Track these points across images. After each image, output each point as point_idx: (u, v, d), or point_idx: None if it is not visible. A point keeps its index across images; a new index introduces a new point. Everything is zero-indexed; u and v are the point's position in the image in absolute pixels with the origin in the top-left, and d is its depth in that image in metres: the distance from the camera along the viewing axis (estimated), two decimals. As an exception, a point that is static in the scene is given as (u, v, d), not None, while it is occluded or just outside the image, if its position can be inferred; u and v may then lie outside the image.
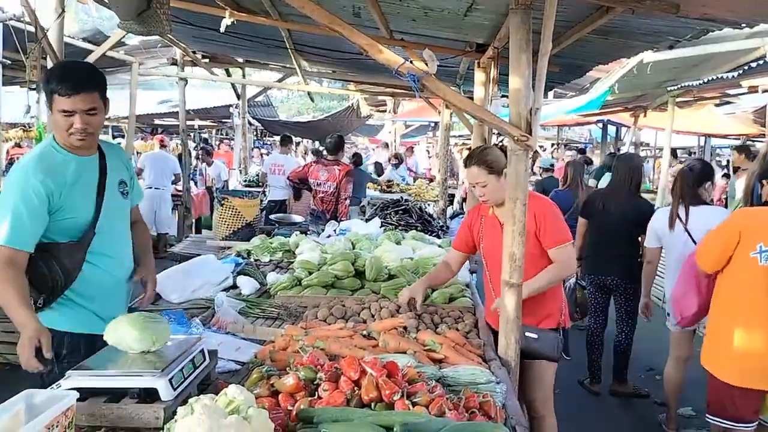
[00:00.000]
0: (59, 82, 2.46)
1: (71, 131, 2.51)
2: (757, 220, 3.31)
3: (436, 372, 2.47)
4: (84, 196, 2.60)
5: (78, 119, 2.49)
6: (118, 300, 2.79)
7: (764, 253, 3.21)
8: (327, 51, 7.60)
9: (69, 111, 2.48)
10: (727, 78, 7.30)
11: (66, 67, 2.67)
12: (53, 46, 5.10)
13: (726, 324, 3.37)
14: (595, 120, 14.04)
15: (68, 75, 2.50)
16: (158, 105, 17.35)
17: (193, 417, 1.60)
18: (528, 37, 2.83)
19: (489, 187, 3.25)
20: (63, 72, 2.56)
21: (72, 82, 2.47)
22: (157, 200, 10.03)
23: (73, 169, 2.58)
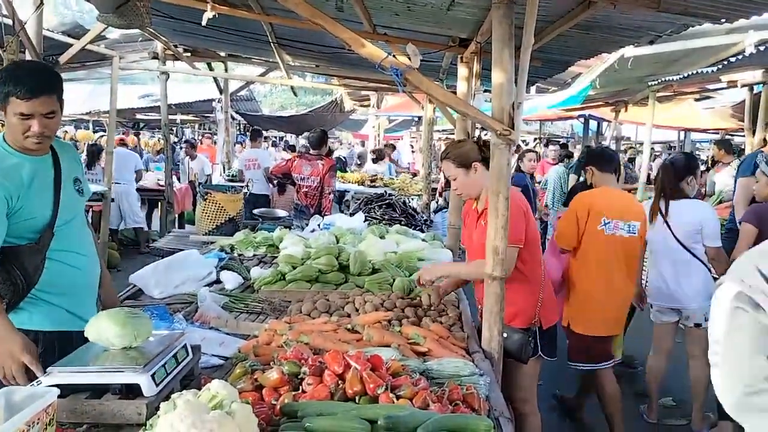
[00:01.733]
0: (17, 85, 2.36)
1: (28, 134, 2.43)
2: (599, 199, 4.20)
3: (420, 365, 2.48)
4: (41, 197, 2.52)
5: (36, 123, 2.40)
6: (89, 294, 2.75)
7: (608, 225, 4.09)
8: (310, 45, 7.57)
9: (27, 114, 2.39)
10: (707, 73, 7.37)
11: (24, 69, 2.54)
12: (32, 40, 5.04)
13: (586, 288, 4.15)
14: (577, 115, 14.13)
15: (26, 77, 2.39)
16: (139, 99, 17.15)
17: (176, 412, 1.59)
18: (510, 31, 2.83)
19: (458, 180, 3.35)
20: (21, 74, 2.42)
21: (31, 85, 2.37)
22: (119, 195, 10.05)
23: (28, 170, 2.50)
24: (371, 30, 5.18)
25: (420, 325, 3.03)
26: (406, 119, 21.42)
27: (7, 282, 2.46)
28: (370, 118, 19.20)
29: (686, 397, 4.78)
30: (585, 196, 4.33)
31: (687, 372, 4.59)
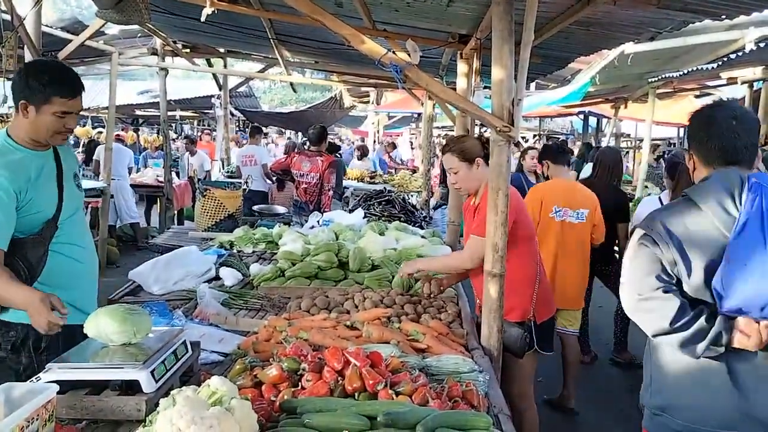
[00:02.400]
0: (61, 85, 2.48)
1: (61, 131, 2.55)
2: (550, 190, 4.79)
3: (419, 361, 2.48)
4: (47, 190, 2.58)
5: (71, 120, 2.54)
6: (90, 287, 2.79)
7: (558, 212, 4.65)
8: (309, 41, 7.56)
9: (67, 112, 2.50)
10: (707, 69, 7.37)
11: (60, 69, 2.62)
12: (30, 36, 5.04)
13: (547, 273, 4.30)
14: (577, 111, 14.12)
15: (68, 78, 2.53)
16: (138, 95, 17.15)
17: (175, 409, 1.59)
18: (510, 27, 2.83)
19: (460, 174, 3.32)
20: (62, 73, 2.55)
21: (73, 84, 2.52)
22: (114, 191, 10.03)
23: (34, 165, 2.56)
24: (371, 26, 5.17)
25: (419, 322, 3.03)
26: (405, 116, 21.40)
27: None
28: (370, 115, 19.21)
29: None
30: (538, 188, 5.01)
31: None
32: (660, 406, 2.20)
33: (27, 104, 2.49)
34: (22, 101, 2.49)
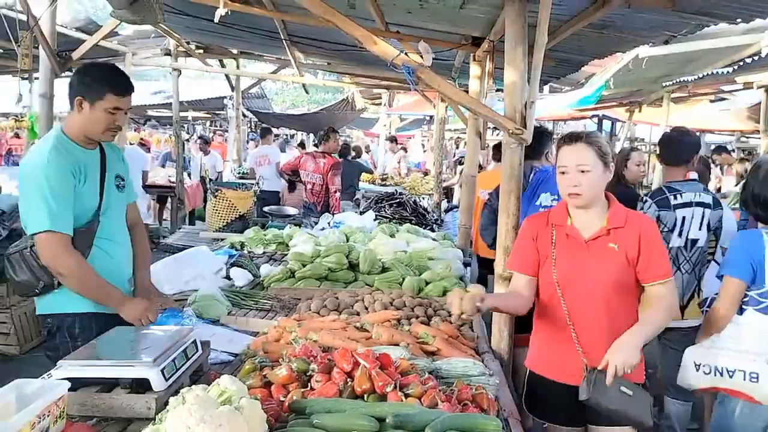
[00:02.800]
0: (116, 83, 2.65)
1: (112, 128, 2.69)
2: (483, 177, 5.62)
3: (428, 364, 2.47)
4: (91, 185, 2.70)
5: (121, 118, 2.70)
6: (121, 280, 2.84)
7: (482, 193, 5.17)
8: (322, 42, 7.57)
9: (118, 109, 2.66)
10: (723, 74, 7.31)
11: (112, 69, 2.80)
12: (45, 35, 5.07)
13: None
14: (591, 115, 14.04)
15: (121, 77, 2.71)
16: (151, 96, 17.25)
17: (185, 407, 1.59)
18: (524, 30, 2.82)
19: (591, 176, 2.45)
20: (117, 73, 2.73)
21: (127, 83, 2.70)
22: None
23: (83, 160, 2.68)
24: (383, 28, 5.17)
25: (429, 325, 3.02)
26: (417, 118, 21.37)
27: None
28: (382, 117, 19.18)
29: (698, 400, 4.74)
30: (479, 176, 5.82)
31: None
32: None
33: (82, 100, 2.63)
34: (78, 97, 2.63)
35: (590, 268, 2.49)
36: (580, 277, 2.50)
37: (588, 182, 2.45)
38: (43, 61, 5.40)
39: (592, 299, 2.48)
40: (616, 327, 2.39)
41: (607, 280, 2.47)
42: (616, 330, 2.37)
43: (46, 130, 5.68)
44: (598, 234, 2.48)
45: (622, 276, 2.47)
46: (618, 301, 2.48)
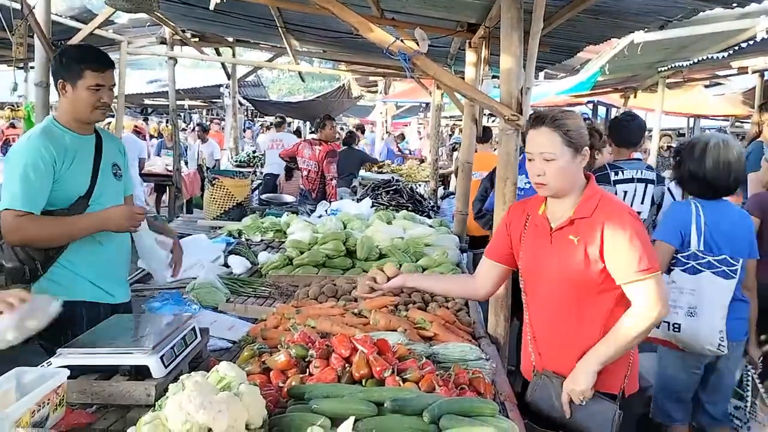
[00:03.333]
0: (92, 59, 2.64)
1: (98, 105, 2.66)
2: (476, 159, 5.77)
3: (426, 349, 2.49)
4: (80, 171, 2.69)
5: (106, 94, 2.67)
6: (115, 271, 2.86)
7: (474, 174, 5.60)
8: (318, 30, 7.55)
9: (100, 85, 2.64)
10: (718, 59, 7.31)
11: (87, 47, 2.82)
12: (40, 24, 5.04)
13: None
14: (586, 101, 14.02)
15: (96, 53, 2.70)
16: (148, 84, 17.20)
17: (185, 393, 1.60)
18: (519, 16, 2.82)
19: (557, 164, 2.22)
20: (92, 50, 2.73)
21: (103, 58, 2.68)
22: None
23: (73, 144, 2.68)
24: (379, 15, 5.16)
25: (426, 310, 3.04)
26: (413, 105, 21.32)
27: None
28: (378, 104, 19.15)
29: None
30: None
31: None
32: None
33: (64, 83, 2.64)
34: (59, 81, 2.65)
35: (549, 262, 2.31)
36: (539, 271, 2.36)
37: (552, 171, 2.22)
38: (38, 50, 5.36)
39: (548, 296, 2.34)
40: (574, 331, 2.27)
41: (562, 276, 2.27)
42: (574, 334, 2.26)
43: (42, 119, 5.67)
44: (563, 224, 2.28)
45: (580, 273, 2.22)
46: (577, 302, 2.25)
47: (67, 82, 2.64)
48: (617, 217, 2.18)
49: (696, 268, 3.05)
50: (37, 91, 5.57)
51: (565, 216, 2.27)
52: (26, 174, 2.52)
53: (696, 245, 3.05)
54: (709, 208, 3.10)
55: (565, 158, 2.21)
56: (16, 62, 5.44)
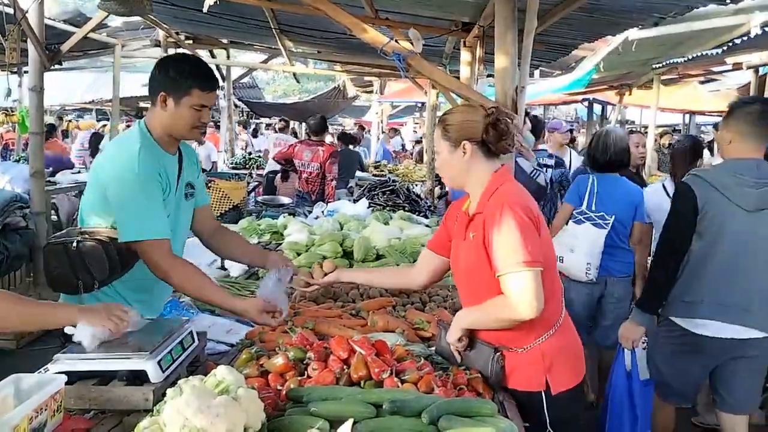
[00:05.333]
0: (201, 78, 2.48)
1: (197, 125, 2.53)
2: None
3: (424, 350, 2.49)
4: (168, 194, 2.57)
5: (206, 114, 2.53)
6: (158, 297, 2.77)
7: None
8: (312, 31, 7.55)
9: (204, 106, 2.50)
10: (712, 55, 7.33)
11: (198, 62, 2.64)
12: (33, 29, 5.04)
13: None
14: (581, 99, 14.07)
15: (208, 71, 2.55)
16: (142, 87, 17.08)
17: (183, 398, 1.60)
18: (513, 14, 2.82)
19: (440, 157, 2.38)
20: (202, 67, 2.56)
21: (212, 78, 2.54)
22: None
23: (166, 165, 2.56)
24: (373, 15, 5.16)
25: (424, 311, 3.04)
26: (409, 105, 21.35)
27: (105, 263, 2.48)
28: (374, 105, 19.15)
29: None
30: None
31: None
32: None
33: (167, 96, 2.47)
34: (161, 93, 2.47)
35: (458, 257, 2.41)
36: (455, 265, 2.47)
37: (438, 164, 2.40)
38: (32, 55, 5.37)
39: (461, 289, 2.48)
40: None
41: (466, 270, 2.36)
42: None
43: (37, 123, 5.66)
44: (468, 221, 2.35)
45: (476, 268, 2.26)
46: (479, 296, 2.28)
47: (170, 96, 2.46)
48: (498, 210, 2.15)
49: (581, 220, 4.13)
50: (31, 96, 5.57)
51: (472, 212, 2.33)
52: (154, 198, 2.42)
53: (586, 205, 4.13)
54: (601, 179, 4.18)
55: (444, 151, 2.32)
56: (9, 67, 5.43)
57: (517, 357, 2.26)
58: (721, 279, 2.97)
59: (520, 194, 2.25)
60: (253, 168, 11.23)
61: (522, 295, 2.09)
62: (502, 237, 2.12)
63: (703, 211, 2.95)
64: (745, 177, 2.90)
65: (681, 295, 3.06)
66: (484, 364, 2.25)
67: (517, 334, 2.24)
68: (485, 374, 2.24)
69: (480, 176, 2.30)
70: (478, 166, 2.29)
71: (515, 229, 2.10)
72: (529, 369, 2.26)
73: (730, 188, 2.91)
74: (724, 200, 2.92)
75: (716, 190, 2.94)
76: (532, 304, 2.08)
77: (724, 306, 2.96)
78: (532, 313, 2.09)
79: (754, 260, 2.95)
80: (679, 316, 3.08)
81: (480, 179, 2.30)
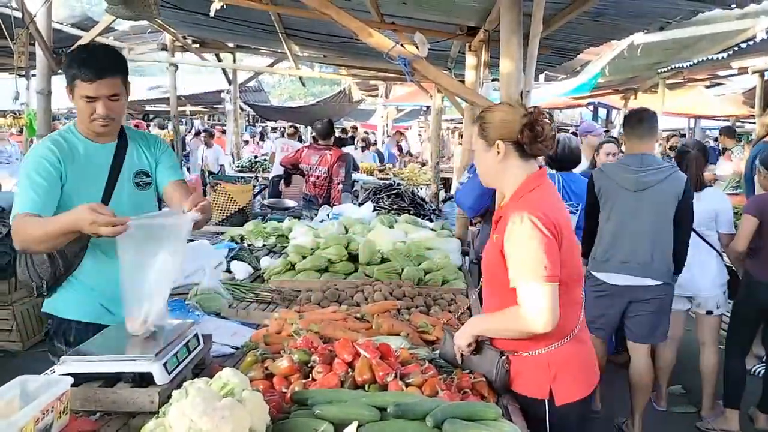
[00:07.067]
0: (81, 67, 2.37)
1: (93, 117, 2.45)
2: None
3: (429, 353, 2.49)
4: (91, 183, 2.53)
5: (101, 105, 2.42)
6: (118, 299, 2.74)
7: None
8: (318, 35, 7.57)
9: (92, 97, 2.40)
10: (718, 59, 7.32)
11: (88, 51, 2.54)
12: (41, 32, 5.07)
13: None
14: (586, 103, 14.05)
15: (91, 59, 2.40)
16: (149, 91, 17.23)
17: (188, 400, 1.61)
18: (519, 19, 2.83)
19: (476, 154, 2.37)
20: (85, 56, 2.43)
21: (95, 67, 2.37)
22: None
23: (85, 153, 2.52)
24: (379, 19, 5.17)
25: (429, 314, 3.04)
26: (414, 109, 21.36)
27: (45, 263, 2.51)
28: (379, 108, 19.19)
29: (695, 384, 4.77)
30: None
31: (696, 360, 4.59)
32: None
33: (67, 89, 2.45)
34: (66, 86, 2.45)
35: (485, 255, 2.39)
36: (482, 263, 2.43)
37: (475, 161, 2.39)
38: (40, 58, 5.39)
39: (485, 287, 2.45)
40: None
41: (486, 270, 2.38)
42: None
43: (44, 126, 5.69)
44: (496, 221, 2.33)
45: (495, 270, 2.25)
46: (500, 297, 2.26)
47: (67, 89, 2.44)
48: (519, 218, 2.12)
49: None
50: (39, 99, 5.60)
51: (501, 214, 2.31)
52: (31, 177, 2.39)
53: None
54: (564, 176, 4.46)
55: (480, 149, 2.30)
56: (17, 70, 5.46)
57: (523, 361, 2.26)
58: (618, 242, 3.91)
59: (546, 202, 2.21)
60: (259, 171, 11.27)
61: (537, 309, 2.06)
62: (521, 248, 2.10)
63: (600, 194, 3.99)
64: (631, 167, 3.92)
65: (597, 255, 4.00)
66: (489, 368, 2.24)
67: (527, 340, 2.23)
68: (490, 378, 2.25)
69: (513, 177, 2.27)
70: (512, 167, 2.26)
71: (534, 241, 2.07)
72: (533, 375, 2.25)
73: (619, 175, 3.95)
74: (614, 185, 3.95)
75: (609, 178, 3.99)
76: (546, 319, 2.06)
77: (623, 262, 3.89)
78: (546, 327, 2.08)
79: (641, 227, 3.89)
80: (597, 271, 3.99)
81: (512, 180, 2.27)
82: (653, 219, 3.89)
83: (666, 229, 3.91)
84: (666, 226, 3.91)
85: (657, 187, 3.86)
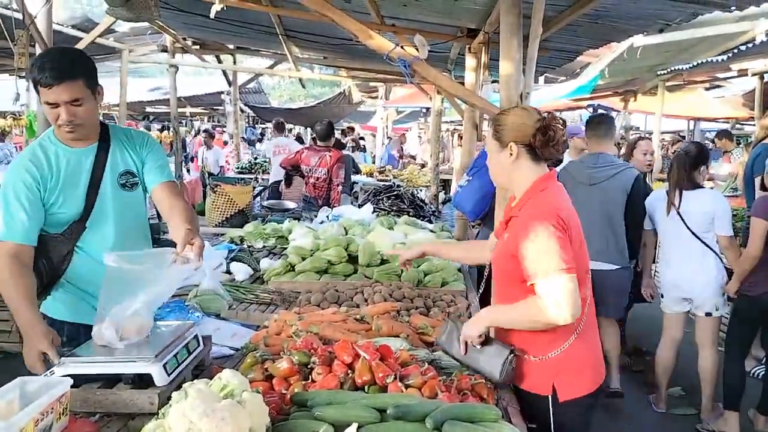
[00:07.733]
0: (40, 72, 2.29)
1: (59, 122, 2.39)
2: None
3: (428, 355, 2.49)
4: (73, 189, 2.50)
5: (63, 111, 2.35)
6: None
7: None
8: (318, 37, 7.57)
9: (52, 103, 2.34)
10: (717, 61, 7.33)
11: (47, 56, 2.46)
12: (42, 33, 5.07)
13: None
14: (586, 104, 14.06)
15: (48, 64, 2.31)
16: (149, 92, 17.25)
17: (188, 401, 1.61)
18: (518, 21, 2.83)
19: (489, 154, 2.42)
20: (44, 61, 2.34)
21: (52, 71, 2.29)
22: None
23: (63, 161, 2.48)
24: (379, 21, 5.18)
25: (429, 316, 3.04)
26: (414, 110, 21.36)
27: (37, 268, 2.50)
28: (379, 110, 19.17)
29: (695, 386, 4.77)
30: None
31: (695, 362, 4.59)
32: None
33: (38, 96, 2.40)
34: None
35: (495, 254, 2.46)
36: (493, 261, 2.49)
37: (488, 161, 2.42)
38: (40, 60, 5.38)
39: (495, 284, 2.51)
40: None
41: (496, 268, 2.43)
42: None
43: (44, 128, 5.70)
44: (507, 220, 2.39)
45: (507, 268, 2.31)
46: (509, 294, 2.32)
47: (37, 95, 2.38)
48: (531, 219, 2.19)
49: None
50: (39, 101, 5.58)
51: (512, 214, 2.37)
52: (7, 200, 2.38)
53: None
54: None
55: (493, 150, 2.36)
56: (18, 72, 5.46)
57: (529, 364, 2.28)
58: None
59: (556, 202, 2.26)
60: (258, 173, 11.26)
61: (558, 300, 2.08)
62: (537, 245, 2.14)
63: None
64: (587, 164, 4.66)
65: None
66: (495, 362, 2.24)
67: (538, 342, 2.25)
68: (493, 373, 2.24)
69: (523, 179, 2.32)
70: (523, 168, 2.31)
71: (550, 237, 2.12)
72: (537, 374, 2.28)
73: (577, 171, 4.66)
74: (573, 180, 4.50)
75: (570, 174, 4.61)
76: (569, 309, 2.08)
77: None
78: (568, 318, 2.09)
79: (592, 217, 4.32)
80: None
81: (523, 182, 2.33)
82: (603, 209, 4.52)
83: (616, 219, 4.54)
84: (616, 216, 4.54)
85: (606, 183, 4.53)
